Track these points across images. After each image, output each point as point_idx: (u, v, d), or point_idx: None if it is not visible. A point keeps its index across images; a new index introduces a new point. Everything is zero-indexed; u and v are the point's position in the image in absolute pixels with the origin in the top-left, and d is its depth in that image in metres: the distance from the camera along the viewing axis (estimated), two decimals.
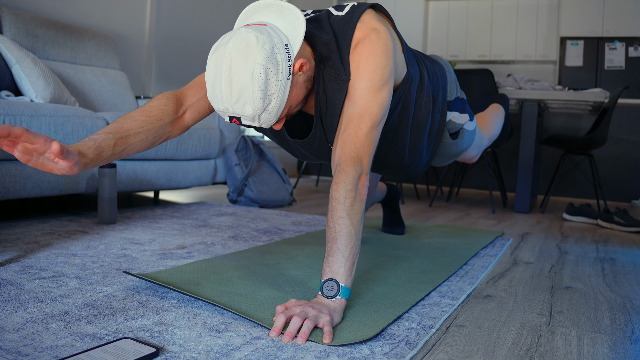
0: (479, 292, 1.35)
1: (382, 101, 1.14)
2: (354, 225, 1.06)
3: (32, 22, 2.56)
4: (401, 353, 0.91)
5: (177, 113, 1.23)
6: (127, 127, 1.12)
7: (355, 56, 1.15)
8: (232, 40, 1.03)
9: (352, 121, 1.13)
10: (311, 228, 2.20)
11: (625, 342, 1.04)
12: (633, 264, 1.83)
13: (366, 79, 1.13)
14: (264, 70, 1.00)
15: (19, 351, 0.83)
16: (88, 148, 1.02)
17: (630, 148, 4.32)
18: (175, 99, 1.23)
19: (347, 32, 1.17)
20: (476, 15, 6.27)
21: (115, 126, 1.12)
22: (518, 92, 3.27)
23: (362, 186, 1.10)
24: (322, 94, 1.19)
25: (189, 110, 1.26)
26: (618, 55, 5.53)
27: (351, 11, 1.21)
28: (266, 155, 3.12)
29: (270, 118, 1.07)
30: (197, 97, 1.26)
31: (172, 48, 3.76)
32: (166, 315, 1.03)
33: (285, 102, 1.07)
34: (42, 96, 2.16)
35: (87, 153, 1.01)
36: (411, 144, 1.46)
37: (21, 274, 1.26)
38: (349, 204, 1.07)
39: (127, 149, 1.13)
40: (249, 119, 1.05)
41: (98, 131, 1.10)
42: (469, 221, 2.73)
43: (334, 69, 1.16)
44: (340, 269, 1.04)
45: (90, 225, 1.98)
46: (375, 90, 1.14)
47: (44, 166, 0.96)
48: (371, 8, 1.23)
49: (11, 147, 0.92)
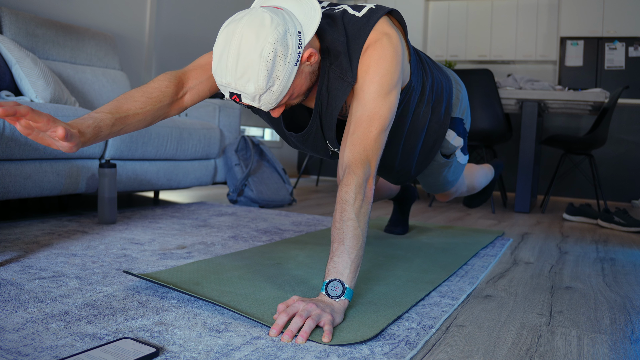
0: (479, 292, 1.35)
1: (390, 105, 1.15)
2: (361, 228, 1.07)
3: (32, 22, 2.56)
4: (401, 353, 0.91)
5: (177, 95, 1.24)
6: (126, 108, 1.13)
7: (366, 60, 1.15)
8: (246, 17, 1.03)
9: (361, 124, 1.13)
10: (311, 228, 2.20)
11: (625, 342, 1.04)
12: (633, 264, 1.83)
13: (376, 83, 1.13)
14: (273, 51, 1.00)
15: (19, 351, 0.83)
16: (87, 127, 1.04)
17: (630, 148, 4.32)
18: (176, 81, 1.23)
19: (361, 37, 1.17)
20: (476, 15, 6.27)
21: (115, 105, 1.13)
22: (518, 92, 3.27)
23: (369, 189, 1.10)
24: (325, 90, 1.19)
25: (189, 93, 1.26)
26: (618, 55, 5.53)
27: (368, 14, 1.20)
28: (266, 155, 3.12)
29: (271, 101, 1.06)
30: (199, 80, 1.26)
31: (172, 48, 3.76)
32: (166, 315, 1.03)
33: (288, 88, 1.06)
34: (42, 96, 2.16)
35: (86, 132, 1.04)
36: (404, 151, 1.47)
37: (21, 274, 1.26)
38: (358, 206, 1.07)
39: (125, 129, 1.15)
40: (250, 97, 1.04)
41: (98, 109, 1.11)
42: (469, 221, 2.73)
43: (340, 69, 1.16)
44: (346, 270, 1.04)
45: (90, 225, 1.98)
46: (385, 94, 1.14)
47: (44, 140, 0.99)
48: (388, 15, 1.23)
49: (14, 121, 0.94)
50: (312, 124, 1.25)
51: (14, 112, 0.90)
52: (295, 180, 4.46)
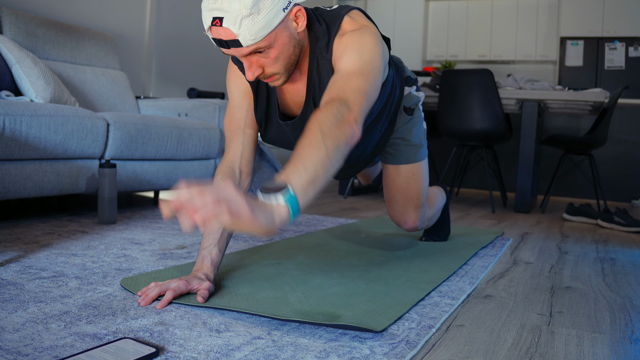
0: (479, 292, 1.35)
1: (373, 67, 1.12)
2: (326, 145, 0.91)
3: (32, 22, 2.56)
4: (401, 353, 0.91)
5: (237, 180, 1.28)
6: (217, 229, 1.22)
7: (344, 39, 1.16)
8: None
9: (340, 79, 1.10)
10: (311, 228, 2.20)
11: (625, 342, 1.04)
12: (633, 264, 1.83)
13: (355, 50, 1.13)
14: None
15: (19, 351, 0.83)
16: (212, 272, 1.19)
17: (630, 148, 4.32)
18: (230, 172, 1.28)
19: (336, 21, 1.20)
20: (476, 15, 6.27)
21: (212, 236, 1.22)
22: (518, 92, 3.27)
23: (348, 120, 0.98)
24: (316, 74, 1.21)
25: (243, 165, 1.30)
26: (618, 55, 5.53)
27: (339, 8, 1.25)
28: (266, 155, 3.12)
29: (252, 33, 1.03)
30: (239, 150, 1.30)
31: (172, 48, 3.76)
32: (166, 315, 1.03)
33: (271, 29, 1.05)
34: (42, 96, 2.16)
35: (212, 276, 1.19)
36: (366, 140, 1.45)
37: (21, 274, 1.26)
38: (327, 125, 0.94)
39: (228, 241, 1.25)
40: (232, 18, 1.01)
41: (202, 243, 1.23)
42: (469, 221, 2.73)
43: (322, 50, 1.19)
44: (295, 176, 0.87)
45: (90, 225, 1.98)
46: (366, 61, 1.12)
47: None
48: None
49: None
50: (306, 108, 1.25)
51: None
52: None
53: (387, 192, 1.66)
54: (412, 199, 1.63)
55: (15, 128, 1.82)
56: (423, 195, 1.64)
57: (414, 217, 1.65)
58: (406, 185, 1.62)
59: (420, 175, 1.62)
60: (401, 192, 1.63)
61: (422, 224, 1.71)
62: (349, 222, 2.41)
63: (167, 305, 1.08)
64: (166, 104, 2.99)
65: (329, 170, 0.92)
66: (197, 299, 1.09)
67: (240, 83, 1.32)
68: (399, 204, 1.64)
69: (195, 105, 2.93)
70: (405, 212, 1.64)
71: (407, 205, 1.63)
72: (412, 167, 1.61)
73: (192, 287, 1.13)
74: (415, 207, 1.64)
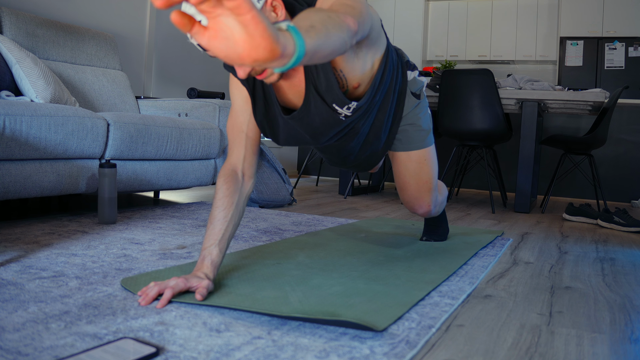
0: (479, 292, 1.35)
1: (361, 3, 1.03)
2: (322, 17, 0.84)
3: (32, 22, 2.56)
4: (401, 353, 0.91)
5: (239, 182, 1.30)
6: (218, 230, 1.24)
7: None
8: None
9: (325, 2, 1.04)
10: (311, 228, 2.20)
11: (625, 342, 1.04)
12: (633, 264, 1.83)
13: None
14: None
15: (19, 351, 0.83)
16: (212, 272, 1.20)
17: (630, 148, 4.32)
18: (232, 175, 1.29)
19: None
20: (476, 15, 6.27)
21: (213, 237, 1.23)
22: (518, 92, 3.27)
23: (342, 17, 0.89)
24: None
25: (245, 168, 1.32)
26: (618, 55, 5.53)
27: None
28: (266, 155, 3.12)
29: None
30: (242, 153, 1.32)
31: (172, 48, 3.76)
32: (166, 315, 1.03)
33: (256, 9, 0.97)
34: (43, 96, 2.16)
35: (212, 276, 1.19)
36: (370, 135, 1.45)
37: (21, 274, 1.27)
38: (320, 16, 0.85)
39: (229, 242, 1.27)
40: None
41: (203, 244, 1.24)
42: (469, 221, 2.73)
43: None
44: (293, 20, 0.81)
45: (90, 225, 1.98)
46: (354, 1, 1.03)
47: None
48: None
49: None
50: (308, 97, 1.22)
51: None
52: (296, 180, 4.46)
53: (399, 179, 1.68)
54: (425, 183, 1.65)
55: (16, 128, 1.82)
56: (434, 179, 1.68)
57: (428, 200, 1.68)
58: (419, 170, 1.64)
59: (430, 159, 1.65)
60: (414, 177, 1.65)
61: (434, 208, 1.75)
62: (349, 222, 2.41)
63: (167, 304, 1.09)
64: (166, 104, 2.99)
65: (329, 30, 0.82)
66: (196, 297, 1.10)
67: (242, 87, 1.32)
68: (413, 189, 1.66)
69: (195, 105, 2.93)
70: (420, 197, 1.67)
71: (421, 190, 1.66)
72: (422, 152, 1.62)
73: (191, 285, 1.13)
74: (429, 191, 1.67)
